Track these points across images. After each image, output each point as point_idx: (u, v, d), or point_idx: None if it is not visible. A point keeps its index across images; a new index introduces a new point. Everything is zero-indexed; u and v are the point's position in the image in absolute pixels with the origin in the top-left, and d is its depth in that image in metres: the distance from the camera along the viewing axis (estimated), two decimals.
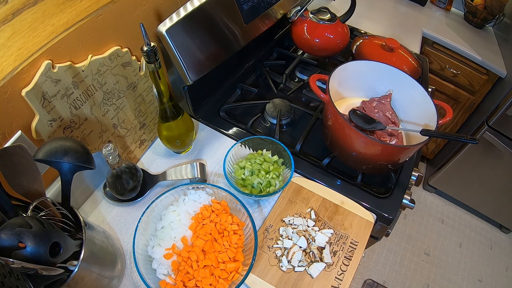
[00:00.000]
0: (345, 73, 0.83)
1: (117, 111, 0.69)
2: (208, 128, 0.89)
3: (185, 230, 0.64)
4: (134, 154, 0.79)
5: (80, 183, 0.69)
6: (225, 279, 0.60)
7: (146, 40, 0.55)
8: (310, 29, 1.03)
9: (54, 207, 0.49)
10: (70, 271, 0.46)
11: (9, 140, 0.52)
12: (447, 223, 1.88)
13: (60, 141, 0.50)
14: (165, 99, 0.67)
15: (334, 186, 0.79)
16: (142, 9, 0.67)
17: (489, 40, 1.61)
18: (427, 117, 0.77)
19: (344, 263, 0.67)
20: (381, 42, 1.05)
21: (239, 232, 0.65)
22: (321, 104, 0.98)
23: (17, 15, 0.49)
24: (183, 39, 0.73)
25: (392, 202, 0.77)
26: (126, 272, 0.64)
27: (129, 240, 0.68)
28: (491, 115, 1.45)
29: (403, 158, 0.76)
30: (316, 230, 0.70)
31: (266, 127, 0.92)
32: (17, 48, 0.49)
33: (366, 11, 1.50)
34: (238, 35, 0.86)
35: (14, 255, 0.39)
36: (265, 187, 0.73)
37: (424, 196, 1.97)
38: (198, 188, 0.69)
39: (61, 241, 0.44)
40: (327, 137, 0.82)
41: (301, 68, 1.10)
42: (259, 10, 0.90)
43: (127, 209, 0.73)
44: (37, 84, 0.51)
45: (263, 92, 1.02)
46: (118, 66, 0.65)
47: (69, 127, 0.60)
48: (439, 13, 1.70)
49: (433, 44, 1.55)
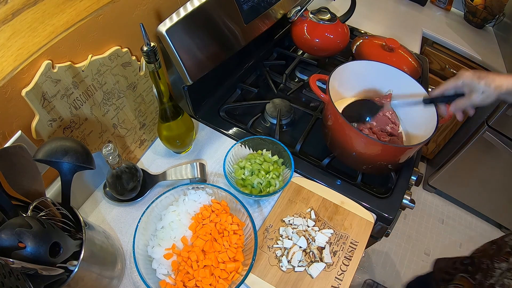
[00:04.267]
0: (345, 73, 0.83)
1: (117, 111, 0.69)
2: (208, 128, 0.89)
3: (185, 230, 0.64)
4: (134, 154, 0.79)
5: (80, 183, 0.69)
6: (225, 279, 0.60)
7: (146, 40, 0.55)
8: (310, 29, 1.03)
9: (54, 207, 0.49)
10: (70, 271, 0.46)
11: (9, 140, 0.52)
12: (447, 223, 1.88)
13: (60, 141, 0.50)
14: (165, 99, 0.67)
15: (334, 186, 0.79)
16: (142, 9, 0.67)
17: (489, 40, 1.61)
18: (427, 117, 0.77)
19: (344, 263, 0.67)
20: (381, 42, 1.05)
21: (239, 232, 0.65)
22: (321, 104, 0.98)
23: (17, 15, 0.49)
24: (183, 39, 0.72)
25: (392, 202, 0.77)
26: (126, 272, 0.64)
27: (129, 240, 0.68)
28: (491, 115, 1.45)
29: (403, 158, 0.76)
30: (316, 230, 0.70)
31: (266, 127, 0.92)
32: (17, 48, 0.49)
33: (366, 11, 1.51)
34: (238, 35, 0.86)
35: (14, 255, 0.39)
36: (265, 187, 0.73)
37: (424, 196, 1.97)
38: (198, 188, 0.69)
39: (61, 241, 0.44)
40: (327, 137, 0.82)
41: (301, 68, 1.10)
42: (259, 10, 0.90)
43: (127, 209, 0.73)
44: (37, 84, 0.51)
45: (263, 92, 1.02)
46: (118, 66, 0.65)
47: (69, 127, 0.60)
48: (439, 13, 1.70)
49: (433, 44, 1.55)
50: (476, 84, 0.64)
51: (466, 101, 0.66)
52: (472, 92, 0.65)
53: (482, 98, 0.64)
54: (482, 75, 0.63)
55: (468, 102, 0.66)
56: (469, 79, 0.65)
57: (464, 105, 0.67)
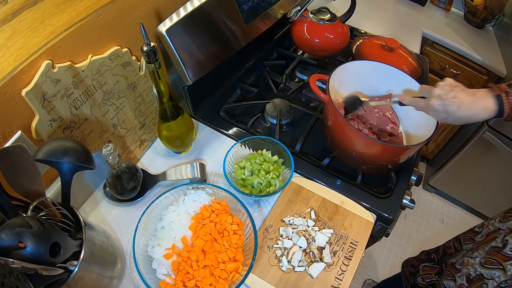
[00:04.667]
0: (345, 73, 0.83)
1: (117, 111, 0.69)
2: (208, 128, 0.89)
3: (185, 230, 0.64)
4: (134, 154, 0.79)
5: (80, 183, 0.69)
6: (225, 279, 0.60)
7: (146, 40, 0.55)
8: (310, 29, 1.03)
9: (54, 207, 0.49)
10: (70, 271, 0.46)
11: (9, 140, 0.52)
12: (447, 223, 1.88)
13: (60, 141, 0.50)
14: (165, 99, 0.67)
15: (334, 186, 0.79)
16: (142, 9, 0.67)
17: (489, 40, 1.61)
18: (427, 117, 0.77)
19: (344, 263, 0.67)
20: (381, 42, 1.05)
21: (239, 232, 0.65)
22: (321, 104, 0.98)
23: (17, 15, 0.49)
24: (183, 39, 0.72)
25: (392, 202, 0.77)
26: (126, 272, 0.64)
27: (129, 240, 0.68)
28: None
29: (403, 158, 0.76)
30: (316, 230, 0.70)
31: (266, 127, 0.92)
32: (17, 48, 0.49)
33: (366, 11, 1.51)
34: (238, 35, 0.86)
35: (14, 255, 0.39)
36: (265, 187, 0.73)
37: (424, 196, 1.97)
38: (198, 188, 0.69)
39: (61, 241, 0.44)
40: (327, 137, 0.82)
41: (301, 68, 1.10)
42: (259, 10, 0.90)
43: (127, 209, 0.73)
44: (37, 84, 0.51)
45: (263, 92, 1.02)
46: (118, 66, 0.65)
47: (69, 127, 0.60)
48: (439, 13, 1.70)
49: (433, 44, 1.55)
50: (443, 116, 0.64)
51: (432, 115, 0.67)
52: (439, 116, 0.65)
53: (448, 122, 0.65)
54: (451, 109, 0.62)
55: (434, 116, 0.67)
56: (437, 108, 0.64)
57: (419, 108, 0.68)
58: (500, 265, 0.68)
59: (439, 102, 0.63)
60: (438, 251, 0.99)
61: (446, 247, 0.96)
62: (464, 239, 0.88)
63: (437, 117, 0.66)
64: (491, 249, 0.72)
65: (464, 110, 0.61)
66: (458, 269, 0.79)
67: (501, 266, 0.68)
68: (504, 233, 0.72)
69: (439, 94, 0.63)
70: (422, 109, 0.68)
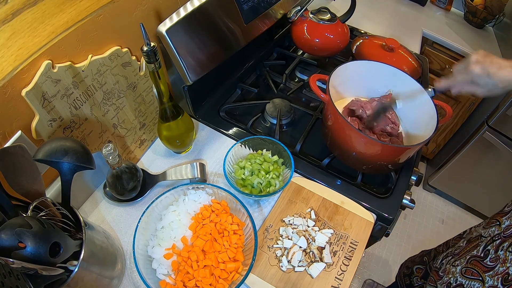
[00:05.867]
0: (345, 73, 0.83)
1: (117, 111, 0.69)
2: (208, 128, 0.89)
3: (185, 230, 0.64)
4: (134, 154, 0.79)
5: (80, 183, 0.69)
6: (225, 279, 0.60)
7: (146, 40, 0.55)
8: (310, 29, 1.03)
9: (54, 207, 0.49)
10: (70, 271, 0.46)
11: (9, 140, 0.52)
12: (447, 223, 1.88)
13: (60, 141, 0.50)
14: (165, 99, 0.67)
15: (334, 186, 0.79)
16: (142, 9, 0.67)
17: (489, 40, 1.61)
18: (427, 117, 0.77)
19: (344, 263, 0.67)
20: (381, 42, 1.05)
21: (239, 232, 0.65)
22: (321, 104, 0.98)
23: (17, 15, 0.49)
24: (183, 39, 0.72)
25: (392, 202, 0.77)
26: (126, 272, 0.64)
27: (129, 240, 0.68)
28: (491, 115, 1.45)
29: (403, 158, 0.76)
30: (316, 230, 0.70)
31: (266, 127, 0.92)
32: (17, 48, 0.49)
33: (366, 11, 1.51)
34: (238, 35, 0.86)
35: (14, 255, 0.39)
36: (265, 187, 0.73)
37: (424, 196, 1.97)
38: (198, 188, 0.69)
39: (61, 241, 0.44)
40: (327, 137, 0.82)
41: (301, 68, 1.10)
42: (259, 10, 0.90)
43: (127, 209, 0.73)
44: (37, 84, 0.51)
45: (263, 92, 1.02)
46: (118, 66, 0.65)
47: (69, 127, 0.60)
48: (439, 13, 1.70)
49: (433, 44, 1.55)
50: (485, 80, 0.61)
51: (470, 90, 0.64)
52: (479, 85, 0.62)
53: (486, 94, 0.63)
54: (492, 70, 0.60)
55: (471, 90, 0.64)
56: (478, 72, 0.61)
57: (467, 92, 0.65)
58: (480, 276, 0.68)
59: (478, 66, 0.61)
60: (429, 253, 0.99)
61: (437, 251, 0.96)
62: (453, 244, 0.89)
63: (479, 85, 0.62)
64: (472, 258, 0.72)
65: (505, 71, 0.59)
66: (440, 276, 0.79)
67: (480, 278, 0.68)
68: (486, 241, 0.72)
69: (476, 59, 0.62)
70: (461, 84, 0.65)
